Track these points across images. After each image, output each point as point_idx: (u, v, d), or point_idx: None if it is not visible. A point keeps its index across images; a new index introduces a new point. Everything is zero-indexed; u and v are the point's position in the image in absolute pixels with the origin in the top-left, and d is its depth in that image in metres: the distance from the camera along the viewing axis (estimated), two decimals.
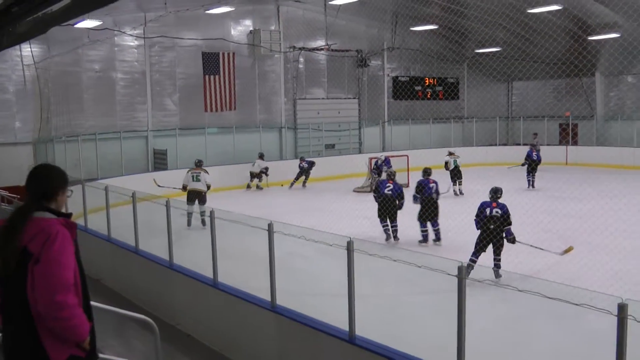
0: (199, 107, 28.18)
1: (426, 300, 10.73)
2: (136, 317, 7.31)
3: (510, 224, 12.51)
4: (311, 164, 27.60)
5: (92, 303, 4.47)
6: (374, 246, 7.26)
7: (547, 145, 35.31)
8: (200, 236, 9.70)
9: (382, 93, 35.74)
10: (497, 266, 12.24)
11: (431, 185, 15.86)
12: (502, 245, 12.44)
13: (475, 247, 12.47)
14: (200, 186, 18.55)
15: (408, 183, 26.08)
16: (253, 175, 27.08)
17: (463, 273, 5.88)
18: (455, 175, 24.53)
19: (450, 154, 25.33)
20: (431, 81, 37.12)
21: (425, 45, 36.17)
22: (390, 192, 16.37)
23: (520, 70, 35.82)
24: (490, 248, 12.46)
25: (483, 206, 12.64)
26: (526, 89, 39.94)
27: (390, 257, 6.68)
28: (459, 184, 24.37)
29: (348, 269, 7.02)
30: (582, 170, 30.04)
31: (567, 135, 36.08)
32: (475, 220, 12.64)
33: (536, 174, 25.83)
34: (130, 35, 26.08)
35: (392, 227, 16.28)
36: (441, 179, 22.12)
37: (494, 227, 12.38)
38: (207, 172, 19.08)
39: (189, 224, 17.64)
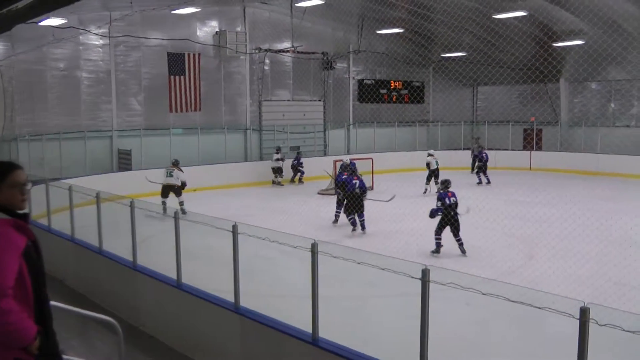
0: (164, 108, 28.02)
1: (391, 303, 10.80)
2: (99, 317, 7.26)
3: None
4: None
5: (55, 303, 4.42)
6: (338, 248, 7.26)
7: (512, 150, 35.73)
8: (165, 237, 9.64)
9: (347, 96, 35.85)
10: (461, 244, 14.75)
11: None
12: (459, 226, 14.78)
13: (438, 231, 14.84)
14: (172, 181, 20.37)
15: (372, 186, 26.22)
16: (275, 171, 28.57)
17: (427, 276, 5.93)
18: (435, 175, 25.66)
19: (431, 155, 26.07)
20: (397, 84, 37.32)
21: (391, 49, 36.37)
22: (359, 190, 17.80)
23: (486, 75, 36.21)
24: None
25: (443, 197, 15.05)
26: (491, 94, 40.33)
27: (355, 259, 6.71)
28: (436, 184, 24.67)
29: (312, 270, 7.04)
30: (546, 176, 30.44)
31: (532, 141, 36.48)
32: (436, 209, 14.89)
33: (490, 178, 27.76)
34: (96, 34, 25.85)
35: (360, 220, 17.45)
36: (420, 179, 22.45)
37: (453, 214, 14.79)
38: (182, 171, 20.79)
39: (164, 211, 17.72)
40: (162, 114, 28.21)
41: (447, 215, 14.81)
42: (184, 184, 20.47)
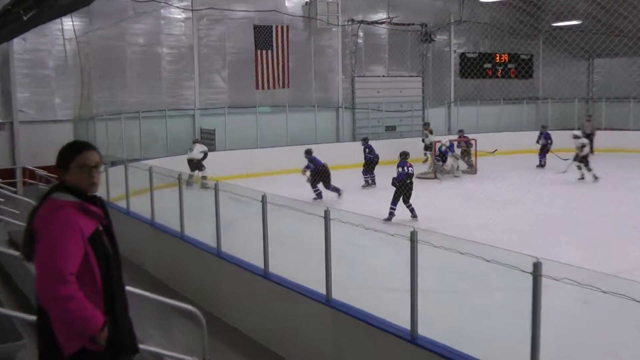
0: (249, 84, 28.23)
1: (495, 297, 10.56)
2: (181, 307, 7.33)
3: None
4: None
5: (133, 290, 4.43)
6: (439, 237, 7.12)
7: (634, 130, 34.49)
8: (251, 223, 9.66)
9: (448, 71, 35.34)
10: (412, 210, 17.43)
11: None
12: (410, 194, 17.46)
13: (396, 199, 17.35)
14: (192, 155, 23.01)
15: (475, 169, 25.87)
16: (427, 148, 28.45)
17: (539, 270, 5.72)
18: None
19: (577, 136, 24.97)
20: (502, 58, 36.57)
21: (496, 19, 35.60)
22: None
23: (603, 46, 34.92)
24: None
25: (402, 165, 17.73)
26: (610, 67, 39.04)
27: (458, 249, 6.55)
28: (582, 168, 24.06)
29: (411, 261, 6.90)
30: None
31: None
32: (397, 178, 17.49)
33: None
34: (177, 7, 26.22)
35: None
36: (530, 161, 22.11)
37: (410, 182, 17.55)
38: (203, 144, 23.78)
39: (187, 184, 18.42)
40: (247, 92, 28.43)
41: (405, 183, 17.47)
42: (205, 154, 23.00)
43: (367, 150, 24.18)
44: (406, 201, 17.54)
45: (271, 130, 28.54)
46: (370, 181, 23.48)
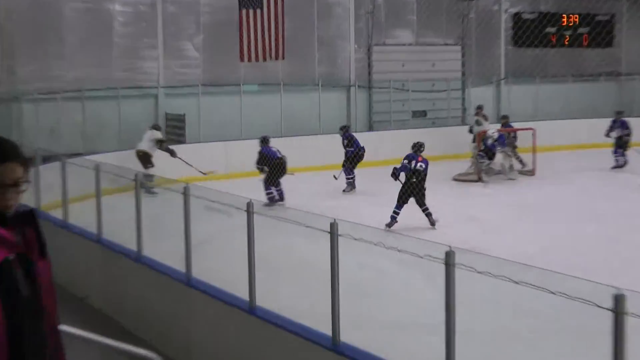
0: (231, 56, 28.14)
1: (558, 340, 10.54)
2: (137, 352, 7.28)
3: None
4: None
5: (70, 330, 4.38)
6: (482, 259, 7.11)
7: None
8: (233, 240, 9.66)
9: (497, 38, 35.41)
10: (429, 215, 18.28)
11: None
12: (424, 195, 18.31)
13: (400, 202, 18.21)
14: (139, 145, 23.25)
15: (534, 169, 25.82)
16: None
17: (622, 305, 5.66)
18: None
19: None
20: (571, 20, 36.50)
21: None
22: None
23: None
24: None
25: (410, 159, 18.53)
26: None
27: (510, 277, 6.52)
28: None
29: (447, 291, 6.88)
30: None
31: None
32: (399, 169, 18.52)
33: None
34: None
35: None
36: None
37: (416, 181, 18.27)
38: (158, 130, 24.05)
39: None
40: (228, 65, 28.39)
41: (409, 181, 18.37)
42: (159, 142, 23.32)
43: (345, 142, 24.45)
44: (421, 204, 18.33)
45: (260, 116, 28.46)
46: (347, 183, 23.85)
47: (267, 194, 20.97)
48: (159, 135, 23.48)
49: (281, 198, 21.10)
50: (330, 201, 20.72)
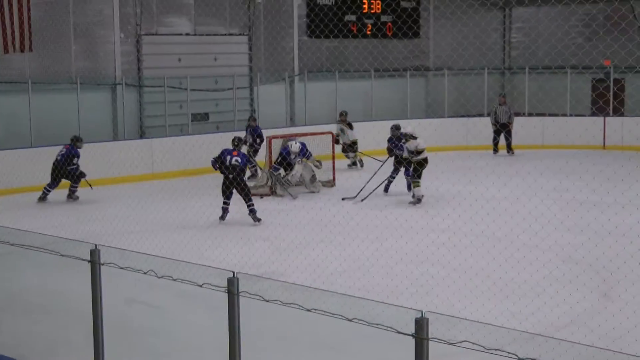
0: None
1: None
2: None
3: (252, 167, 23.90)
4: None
5: None
6: (274, 285, 7.24)
7: (572, 116, 35.85)
8: None
9: (289, 27, 35.84)
10: (252, 211, 21.27)
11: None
12: (245, 190, 21.44)
13: (223, 193, 21.39)
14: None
15: (333, 179, 26.20)
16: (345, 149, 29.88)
17: (423, 329, 5.92)
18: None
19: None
20: (373, 7, 37.25)
21: None
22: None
23: None
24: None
25: (224, 154, 21.53)
26: (534, 21, 40.42)
27: (302, 305, 6.67)
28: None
29: (230, 325, 6.98)
30: (630, 158, 30.32)
31: (607, 100, 36.32)
32: (212, 162, 21.53)
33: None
34: None
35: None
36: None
37: (232, 177, 21.10)
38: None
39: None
40: None
41: (227, 176, 21.28)
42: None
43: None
44: (246, 200, 21.52)
45: (1, 122, 28.02)
46: None
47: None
48: None
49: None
50: None
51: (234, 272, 7.08)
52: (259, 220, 21.20)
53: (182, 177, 26.51)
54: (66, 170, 24.30)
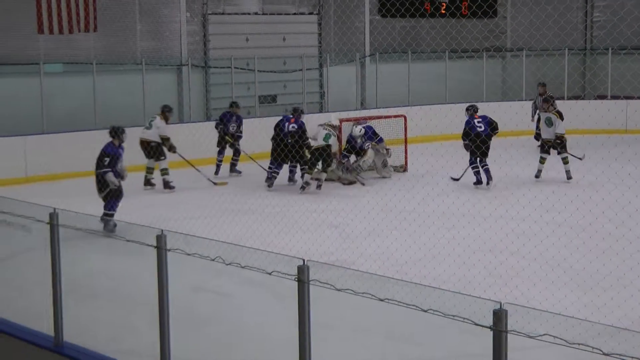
0: (26, 26, 27.77)
1: None
2: None
3: (307, 138, 23.44)
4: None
5: None
6: (345, 274, 7.21)
7: None
8: (33, 261, 9.51)
9: (361, 6, 35.74)
10: (303, 175, 23.16)
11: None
12: (302, 154, 23.01)
13: (275, 160, 23.06)
14: (148, 136, 23.80)
15: (405, 165, 26.13)
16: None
17: (502, 321, 5.91)
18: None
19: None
20: None
21: None
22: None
23: None
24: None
25: (283, 121, 23.58)
26: (619, 2, 40.03)
27: (376, 295, 6.63)
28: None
29: (300, 314, 6.96)
30: None
31: None
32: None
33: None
34: None
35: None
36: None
37: (291, 142, 22.76)
38: (166, 118, 24.15)
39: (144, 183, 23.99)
40: (22, 38, 27.98)
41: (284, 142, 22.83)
42: (164, 140, 23.62)
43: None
44: (302, 164, 23.57)
45: (67, 104, 28.14)
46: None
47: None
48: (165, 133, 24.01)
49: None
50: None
51: (304, 260, 7.07)
52: (307, 185, 22.81)
53: (248, 162, 26.42)
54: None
